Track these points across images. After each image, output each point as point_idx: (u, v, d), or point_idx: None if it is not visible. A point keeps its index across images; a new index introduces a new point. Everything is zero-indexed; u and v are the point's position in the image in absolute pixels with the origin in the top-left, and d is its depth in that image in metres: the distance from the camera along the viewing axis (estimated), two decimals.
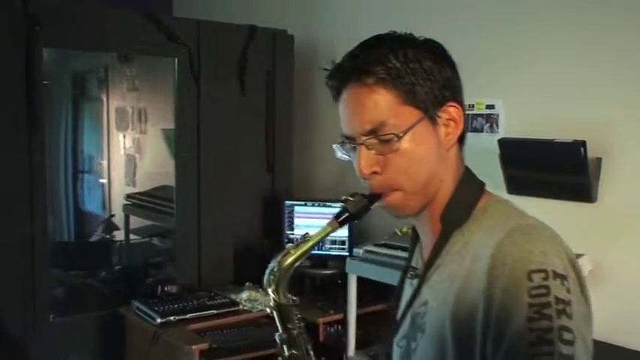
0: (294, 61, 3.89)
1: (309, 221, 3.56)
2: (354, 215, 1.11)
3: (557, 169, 2.68)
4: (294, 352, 1.20)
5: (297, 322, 1.20)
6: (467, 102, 1.17)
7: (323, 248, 3.51)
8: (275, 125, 3.79)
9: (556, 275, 0.95)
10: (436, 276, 1.10)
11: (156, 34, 3.35)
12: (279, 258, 1.16)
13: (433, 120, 1.07)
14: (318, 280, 3.56)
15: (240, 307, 3.25)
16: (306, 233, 1.16)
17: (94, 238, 4.61)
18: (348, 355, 3.10)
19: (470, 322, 0.99)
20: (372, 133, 1.06)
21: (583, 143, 2.55)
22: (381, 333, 3.26)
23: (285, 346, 1.20)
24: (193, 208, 3.53)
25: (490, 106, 3.01)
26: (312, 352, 1.21)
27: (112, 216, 4.60)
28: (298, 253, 1.15)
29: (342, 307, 3.18)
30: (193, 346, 2.87)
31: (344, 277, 3.19)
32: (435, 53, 1.09)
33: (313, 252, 3.70)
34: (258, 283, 3.43)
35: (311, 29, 3.98)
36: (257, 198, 3.77)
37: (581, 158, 2.58)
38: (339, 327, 3.25)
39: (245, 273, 3.57)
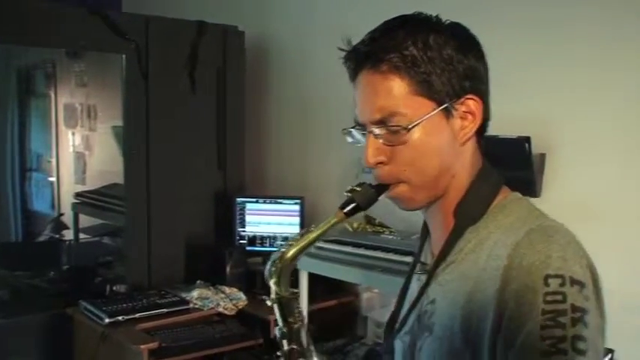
0: (245, 58, 3.87)
1: (261, 218, 3.55)
2: (361, 206, 1.07)
3: (502, 164, 2.71)
4: (294, 346, 1.15)
5: (297, 315, 1.15)
6: None
7: (274, 245, 3.51)
8: (226, 122, 3.76)
9: (574, 282, 0.91)
10: (447, 274, 1.06)
11: (103, 29, 3.28)
12: (281, 249, 1.12)
13: (448, 112, 1.02)
14: None
15: (191, 305, 3.22)
16: (312, 225, 1.13)
17: (42, 238, 4.51)
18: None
19: (480, 324, 0.96)
20: (382, 122, 1.02)
21: (527, 139, 2.60)
22: (333, 329, 3.28)
23: (284, 341, 1.16)
24: (143, 206, 3.49)
25: None
26: (313, 347, 1.17)
27: (61, 215, 4.52)
28: (301, 244, 1.11)
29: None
30: (142, 346, 2.83)
31: (296, 273, 3.19)
32: (459, 39, 1.04)
33: (265, 249, 3.68)
34: (209, 281, 3.41)
35: (263, 25, 3.97)
36: (208, 195, 3.74)
37: (525, 154, 2.62)
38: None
39: (196, 271, 3.54)
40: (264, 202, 3.56)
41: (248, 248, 3.56)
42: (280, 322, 1.15)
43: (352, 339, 3.21)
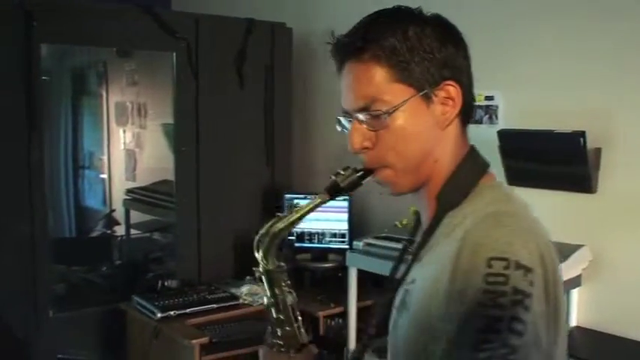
0: (292, 55, 3.88)
1: (310, 214, 3.54)
2: (344, 188, 1.13)
3: (556, 159, 2.67)
4: (280, 316, 1.23)
5: (284, 287, 1.22)
6: None
7: (323, 241, 3.51)
8: (274, 118, 3.78)
9: (519, 266, 0.93)
10: (427, 256, 1.09)
11: (154, 28, 3.34)
12: (268, 224, 1.18)
13: (428, 98, 1.06)
14: (318, 274, 3.56)
15: (241, 300, 3.25)
16: (297, 204, 1.19)
17: (94, 234, 4.60)
18: (349, 349, 3.10)
19: (440, 304, 0.98)
20: (365, 109, 1.07)
21: (582, 133, 2.54)
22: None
23: (272, 309, 1.23)
24: (193, 202, 3.53)
25: (489, 98, 3.00)
26: (300, 317, 1.24)
27: (113, 211, 4.60)
28: (287, 221, 1.17)
29: (343, 301, 3.18)
30: (193, 341, 2.87)
31: (344, 270, 3.19)
32: (439, 31, 1.08)
33: (313, 245, 3.67)
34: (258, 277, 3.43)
35: (309, 21, 3.97)
36: (257, 191, 3.76)
37: (580, 148, 2.57)
38: (340, 320, 3.25)
39: (245, 267, 3.54)
40: (313, 198, 3.56)
41: (297, 244, 3.57)
42: (268, 293, 1.22)
43: None
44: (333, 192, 1.13)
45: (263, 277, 1.22)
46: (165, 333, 3.00)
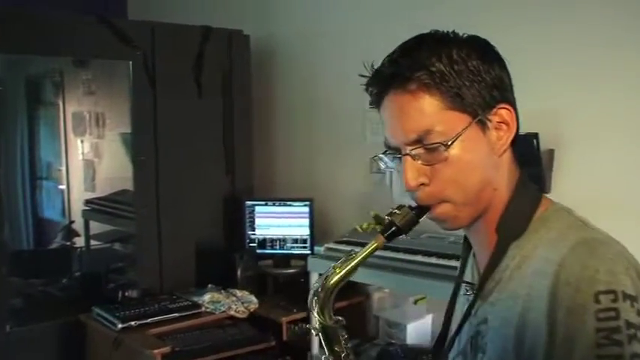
0: (250, 61, 3.88)
1: (271, 221, 3.56)
2: (402, 229, 1.05)
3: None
4: None
5: (344, 343, 1.15)
6: None
7: (285, 247, 3.52)
8: (234, 126, 3.78)
9: (626, 297, 0.87)
10: (496, 293, 1.03)
11: (110, 37, 3.31)
12: (323, 278, 1.10)
13: (483, 124, 1.01)
14: (280, 280, 3.56)
15: (203, 309, 3.24)
16: (351, 250, 1.11)
17: (53, 246, 4.53)
18: (312, 354, 3.11)
19: (533, 345, 0.93)
20: (418, 142, 1.00)
21: (536, 135, 2.59)
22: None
23: None
24: (153, 211, 3.51)
25: None
26: None
27: (72, 222, 4.53)
28: (343, 271, 1.09)
29: (305, 306, 3.18)
30: (155, 350, 2.85)
31: (306, 275, 3.20)
32: (481, 51, 1.03)
33: (275, 251, 3.67)
34: (220, 285, 3.42)
35: (267, 29, 3.98)
36: (217, 199, 3.75)
37: (534, 150, 2.62)
38: (303, 325, 3.25)
39: (207, 275, 3.55)
40: (274, 205, 3.57)
41: (258, 251, 3.57)
42: (327, 351, 1.15)
43: (364, 339, 3.21)
44: (391, 234, 1.05)
45: (320, 335, 1.14)
46: (126, 344, 2.97)
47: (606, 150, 2.58)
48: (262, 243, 3.57)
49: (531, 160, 2.65)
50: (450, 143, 0.98)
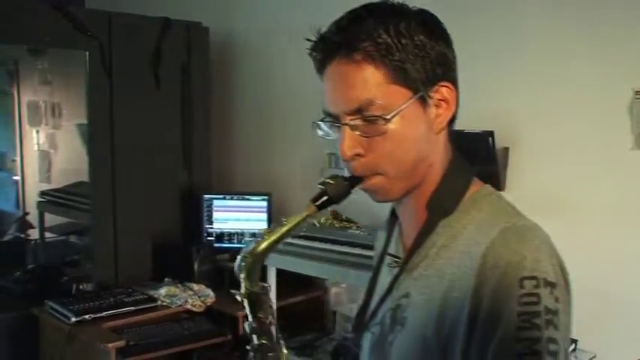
0: (209, 54, 3.85)
1: (228, 215, 3.55)
2: (333, 199, 1.03)
3: (466, 158, 2.75)
4: (264, 341, 1.11)
5: (268, 310, 1.11)
6: None
7: (242, 241, 3.51)
8: (192, 119, 3.75)
9: (547, 283, 0.91)
10: (422, 269, 1.04)
11: (66, 25, 3.25)
12: (252, 244, 1.07)
13: (424, 100, 1.00)
14: None
15: (159, 302, 3.22)
16: (283, 218, 1.07)
17: (6, 238, 4.44)
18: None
19: (455, 323, 0.95)
20: (358, 112, 0.98)
21: (491, 133, 2.64)
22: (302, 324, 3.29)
23: (254, 335, 1.11)
24: (109, 204, 3.46)
25: None
26: (282, 342, 1.13)
27: (27, 214, 4.45)
28: (272, 238, 1.05)
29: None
30: (110, 344, 2.82)
31: (263, 269, 3.19)
32: (429, 26, 1.02)
33: (233, 245, 3.65)
34: (177, 279, 3.40)
35: (227, 22, 3.96)
36: (175, 192, 3.73)
37: (489, 148, 2.66)
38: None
39: (164, 268, 3.53)
40: (232, 199, 3.56)
41: (216, 245, 3.56)
42: (250, 317, 1.11)
43: (321, 334, 3.23)
44: (323, 203, 1.03)
45: (245, 301, 1.10)
46: (80, 338, 2.93)
47: (560, 149, 2.63)
48: (220, 237, 3.56)
49: (487, 157, 2.69)
50: (389, 117, 0.98)
